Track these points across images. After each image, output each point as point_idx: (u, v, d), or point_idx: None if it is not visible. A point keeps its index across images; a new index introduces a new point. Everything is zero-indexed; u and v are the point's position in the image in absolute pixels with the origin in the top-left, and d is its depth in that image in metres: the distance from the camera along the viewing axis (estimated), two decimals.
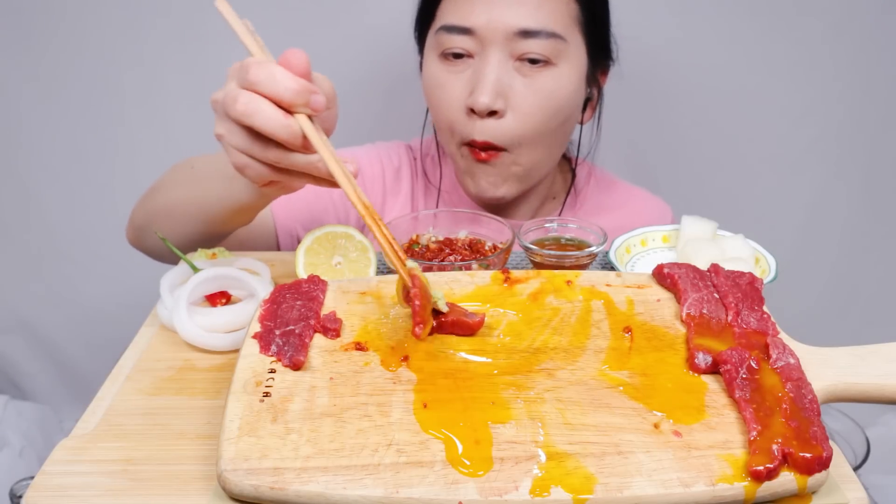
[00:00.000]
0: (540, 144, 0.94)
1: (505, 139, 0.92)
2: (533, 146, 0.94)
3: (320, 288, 0.65)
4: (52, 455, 0.54)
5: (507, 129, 0.91)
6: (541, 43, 0.89)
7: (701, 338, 0.58)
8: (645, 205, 1.13)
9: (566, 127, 0.98)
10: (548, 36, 0.89)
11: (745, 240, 0.83)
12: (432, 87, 0.95)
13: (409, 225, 0.84)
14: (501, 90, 0.89)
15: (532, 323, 0.62)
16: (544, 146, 0.95)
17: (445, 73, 0.93)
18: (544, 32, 0.88)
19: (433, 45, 0.94)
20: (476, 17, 0.88)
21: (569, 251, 0.80)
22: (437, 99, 0.95)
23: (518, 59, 0.90)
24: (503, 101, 0.90)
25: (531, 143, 0.93)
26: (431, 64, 0.95)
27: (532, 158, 0.95)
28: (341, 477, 0.47)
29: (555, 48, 0.90)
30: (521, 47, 0.89)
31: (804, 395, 0.52)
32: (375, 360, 0.58)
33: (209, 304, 0.72)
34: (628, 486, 0.47)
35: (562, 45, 0.90)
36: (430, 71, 0.95)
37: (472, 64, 0.91)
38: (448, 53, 0.92)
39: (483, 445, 0.49)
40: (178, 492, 0.51)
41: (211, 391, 0.62)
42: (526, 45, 0.89)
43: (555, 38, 0.89)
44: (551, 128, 0.94)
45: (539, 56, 0.89)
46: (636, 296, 0.66)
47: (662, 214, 1.12)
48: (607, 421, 0.51)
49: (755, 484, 0.47)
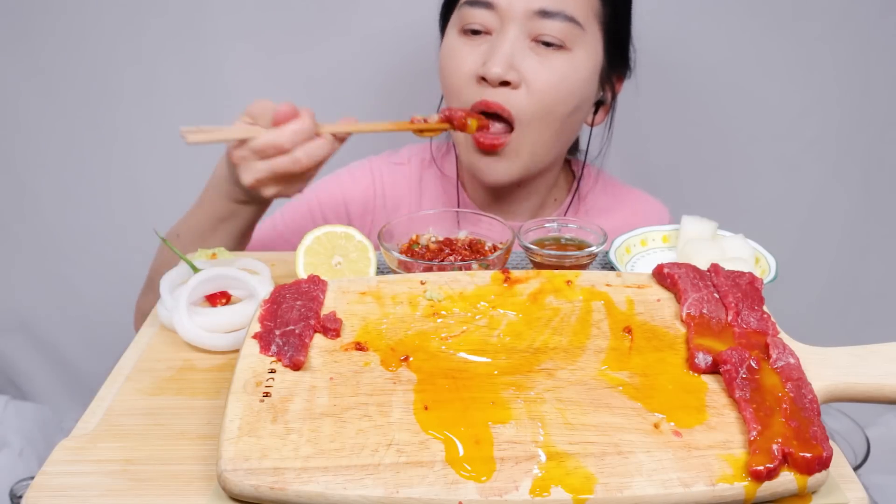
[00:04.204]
0: (548, 127, 0.95)
1: (517, 108, 0.92)
2: (541, 127, 0.94)
3: (320, 288, 0.65)
4: (52, 455, 0.54)
5: (520, 100, 0.92)
6: (557, 25, 0.90)
7: (701, 338, 0.58)
8: (643, 206, 1.13)
9: (575, 118, 0.98)
10: (565, 19, 0.91)
11: (745, 240, 0.83)
12: (447, 58, 0.97)
13: (410, 225, 0.84)
14: (515, 64, 0.91)
15: (532, 323, 0.62)
16: (551, 131, 0.95)
17: (462, 44, 0.95)
18: (562, 15, 0.90)
19: (455, 20, 0.97)
20: None
21: (569, 251, 0.79)
22: (450, 68, 0.96)
23: (534, 39, 0.92)
24: (516, 74, 0.91)
25: (539, 122, 0.93)
26: (451, 38, 0.97)
27: (537, 140, 0.95)
28: (341, 477, 0.47)
29: (571, 33, 0.91)
30: (538, 27, 0.91)
31: (804, 394, 0.52)
32: (375, 360, 0.58)
33: (209, 304, 0.72)
34: (628, 486, 0.47)
35: (578, 31, 0.92)
36: (447, 43, 0.97)
37: (489, 40, 0.93)
38: (468, 29, 0.94)
39: (483, 445, 0.49)
40: (178, 492, 0.51)
41: (211, 391, 0.62)
42: (543, 25, 0.90)
43: (572, 22, 0.91)
44: (561, 112, 0.94)
45: (554, 39, 0.91)
46: (636, 296, 0.66)
47: (659, 216, 1.12)
48: (607, 421, 0.51)
49: (755, 484, 0.47)
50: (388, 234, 0.80)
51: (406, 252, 0.80)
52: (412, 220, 0.84)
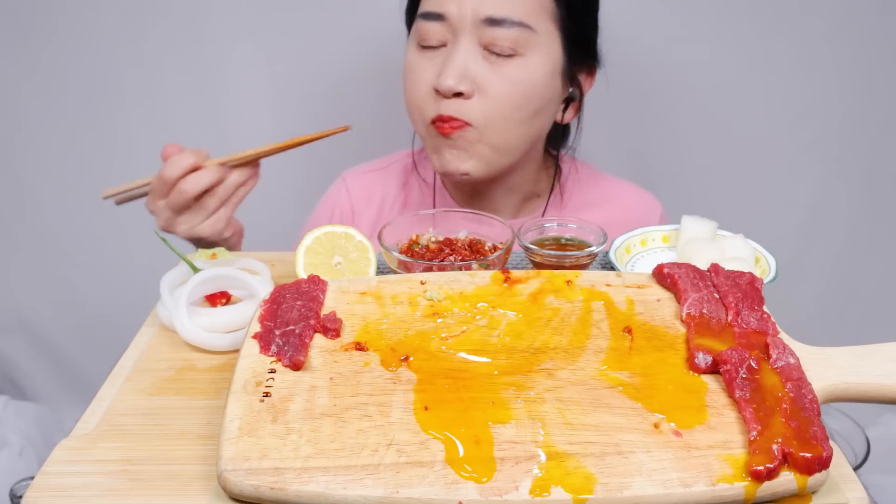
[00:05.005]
0: (508, 130, 0.95)
1: (471, 116, 0.93)
2: (501, 130, 0.94)
3: (320, 288, 0.65)
4: (52, 455, 0.54)
5: (474, 108, 0.92)
6: (508, 32, 0.90)
7: (701, 338, 0.58)
8: (633, 200, 1.12)
9: (540, 120, 0.98)
10: (514, 25, 0.90)
11: (745, 240, 0.83)
12: (407, 75, 0.98)
13: (409, 225, 0.84)
14: (468, 74, 0.91)
15: (532, 323, 0.62)
16: (514, 133, 0.96)
17: (420, 59, 0.96)
18: (510, 21, 0.90)
19: (413, 36, 0.98)
20: (449, 4, 0.91)
21: (569, 251, 0.79)
22: (409, 82, 0.97)
23: (486, 47, 0.92)
24: (469, 84, 0.91)
25: (498, 126, 0.94)
26: (410, 53, 0.98)
27: (499, 140, 0.95)
28: (341, 477, 0.47)
29: (522, 38, 0.91)
30: (489, 35, 0.91)
31: (804, 394, 0.52)
32: (375, 360, 0.58)
33: (209, 304, 0.72)
34: (628, 486, 0.47)
35: (529, 34, 0.91)
36: (407, 60, 0.99)
37: (444, 52, 0.94)
38: (425, 45, 0.95)
39: (483, 446, 0.49)
40: (178, 492, 0.51)
41: (211, 391, 0.62)
42: (493, 33, 0.90)
43: (522, 27, 0.91)
44: (520, 116, 0.94)
45: (506, 45, 0.91)
46: (636, 296, 0.66)
47: (651, 209, 1.11)
48: (607, 421, 0.51)
49: (755, 484, 0.47)
50: (388, 234, 0.80)
51: (406, 252, 0.80)
52: (412, 219, 0.84)
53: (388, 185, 1.14)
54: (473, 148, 0.95)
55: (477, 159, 0.96)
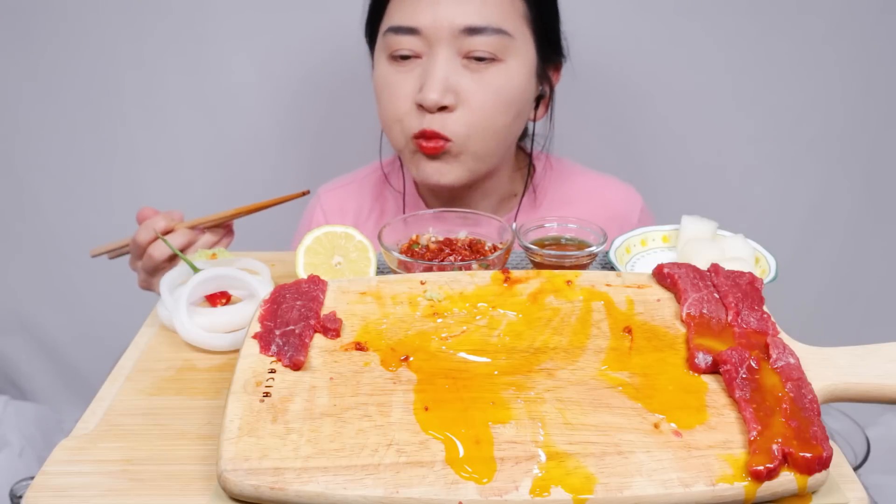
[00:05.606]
0: (490, 138, 0.95)
1: (454, 131, 0.92)
2: (483, 139, 0.94)
3: (320, 288, 0.65)
4: (52, 455, 0.54)
5: (458, 121, 0.92)
6: (487, 39, 0.90)
7: (701, 338, 0.58)
8: (613, 193, 1.12)
9: (518, 123, 0.98)
10: (493, 32, 0.90)
11: (745, 240, 0.83)
12: (382, 87, 0.96)
13: (409, 225, 0.84)
14: (450, 86, 0.90)
15: (532, 323, 0.62)
16: (495, 140, 0.96)
17: (395, 73, 0.94)
18: (490, 29, 0.90)
19: (382, 47, 0.96)
20: (422, 16, 0.90)
21: (569, 251, 0.79)
22: (387, 96, 0.95)
23: (465, 56, 0.91)
24: (453, 97, 0.91)
25: (480, 135, 0.94)
26: (381, 66, 0.96)
27: (481, 149, 0.95)
28: (341, 477, 0.47)
29: (501, 44, 0.91)
30: (468, 44, 0.90)
31: (804, 394, 0.52)
32: (375, 360, 0.58)
33: (209, 304, 0.72)
34: (628, 486, 0.47)
35: (508, 41, 0.91)
36: (379, 72, 0.97)
37: (420, 63, 0.93)
38: (397, 56, 0.93)
39: (483, 446, 0.49)
40: (178, 492, 0.51)
41: (211, 391, 0.62)
42: (472, 42, 0.90)
43: (501, 34, 0.90)
44: (502, 123, 0.94)
45: (485, 53, 0.90)
46: (636, 296, 0.66)
47: (631, 202, 1.10)
48: (607, 421, 0.51)
49: (755, 484, 0.47)
50: (388, 234, 0.80)
51: (406, 252, 0.80)
52: (412, 219, 0.84)
53: (362, 198, 1.14)
54: (456, 160, 0.95)
55: (459, 170, 0.96)
